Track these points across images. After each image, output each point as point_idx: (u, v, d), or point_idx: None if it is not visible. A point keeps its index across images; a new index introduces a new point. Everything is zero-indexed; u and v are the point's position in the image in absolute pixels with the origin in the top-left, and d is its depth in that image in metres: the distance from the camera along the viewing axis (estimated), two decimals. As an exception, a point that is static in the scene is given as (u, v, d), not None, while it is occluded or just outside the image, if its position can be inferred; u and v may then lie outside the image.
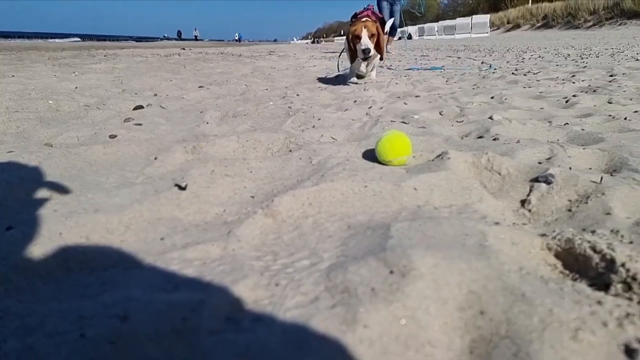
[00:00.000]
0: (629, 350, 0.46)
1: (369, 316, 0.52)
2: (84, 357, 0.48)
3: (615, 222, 0.88)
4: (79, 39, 32.56)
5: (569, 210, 0.98)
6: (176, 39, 47.69)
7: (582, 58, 6.10)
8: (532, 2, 31.66)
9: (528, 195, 1.06)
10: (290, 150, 1.47)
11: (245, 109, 2.32)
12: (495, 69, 4.78)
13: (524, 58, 6.60)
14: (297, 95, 2.94)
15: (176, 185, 1.04)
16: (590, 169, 1.23)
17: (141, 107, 2.39)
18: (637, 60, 5.33)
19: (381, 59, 3.62)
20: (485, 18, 29.72)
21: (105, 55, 7.99)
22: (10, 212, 0.95)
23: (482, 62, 6.04)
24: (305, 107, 2.34)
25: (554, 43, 11.90)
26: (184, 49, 12.79)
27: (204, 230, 0.88)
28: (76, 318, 0.55)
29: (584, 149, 1.33)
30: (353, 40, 3.20)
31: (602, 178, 1.04)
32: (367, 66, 3.59)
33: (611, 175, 1.12)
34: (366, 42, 3.06)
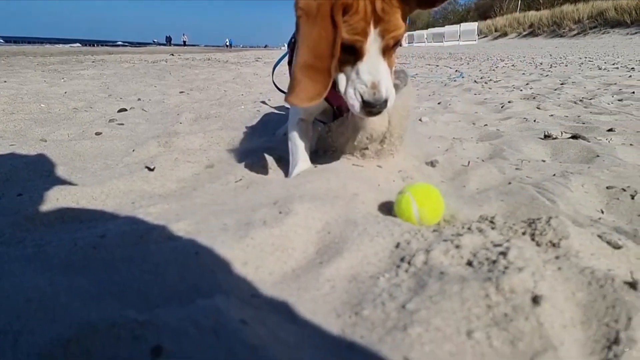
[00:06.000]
0: (397, 245, 0.78)
1: (255, 233, 0.84)
2: (77, 254, 0.79)
3: (464, 191, 1.22)
4: (79, 45, 32.62)
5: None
6: (165, 44, 47.76)
7: (551, 67, 6.50)
8: (519, 11, 32.23)
9: (418, 174, 1.39)
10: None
11: (217, 111, 2.64)
12: (463, 77, 5.17)
13: (497, 66, 6.99)
14: (269, 100, 3.27)
15: (146, 167, 1.35)
16: (478, 158, 1.57)
17: (125, 110, 2.69)
18: (599, 69, 5.76)
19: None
20: (473, 26, 30.14)
21: (93, 62, 8.23)
22: (17, 185, 1.25)
23: (456, 70, 6.42)
24: (271, 110, 2.67)
25: (535, 51, 12.41)
26: (172, 54, 13.05)
27: (165, 198, 1.19)
28: (71, 238, 0.86)
29: (477, 143, 1.68)
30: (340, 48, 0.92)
31: (469, 162, 1.38)
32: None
33: (482, 161, 1.46)
34: (382, 69, 0.96)
